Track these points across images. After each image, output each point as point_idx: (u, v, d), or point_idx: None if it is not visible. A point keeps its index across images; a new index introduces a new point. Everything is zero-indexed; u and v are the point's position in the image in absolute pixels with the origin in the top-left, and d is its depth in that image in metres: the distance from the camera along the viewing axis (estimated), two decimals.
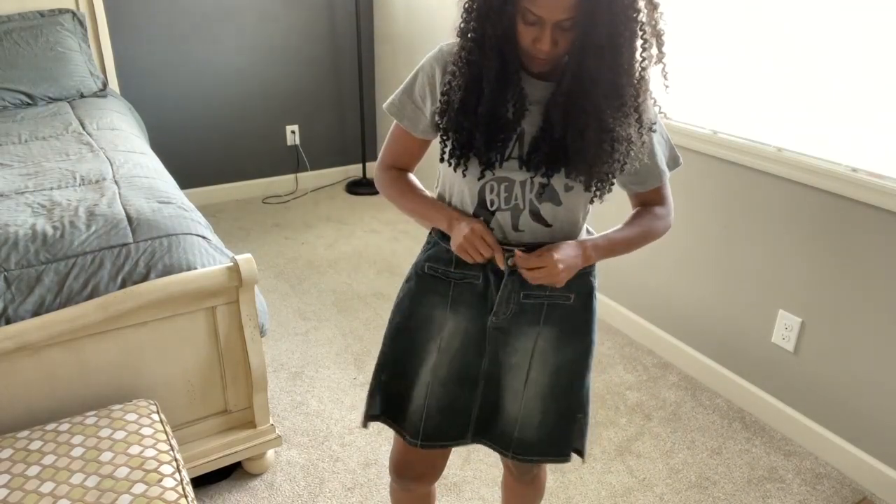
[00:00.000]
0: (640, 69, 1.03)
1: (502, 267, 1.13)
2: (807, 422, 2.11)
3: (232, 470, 1.95)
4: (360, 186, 4.12)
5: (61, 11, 3.04)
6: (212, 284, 1.67)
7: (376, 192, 4.03)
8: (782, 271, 2.10)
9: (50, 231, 1.66)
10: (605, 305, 2.77)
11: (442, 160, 1.15)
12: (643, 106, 1.07)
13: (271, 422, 1.92)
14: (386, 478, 1.95)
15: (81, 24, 3.08)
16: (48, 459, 1.31)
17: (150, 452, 1.35)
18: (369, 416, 1.30)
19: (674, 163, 1.24)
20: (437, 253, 1.23)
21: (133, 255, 1.65)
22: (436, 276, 1.24)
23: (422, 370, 1.25)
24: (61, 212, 1.76)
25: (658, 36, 1.03)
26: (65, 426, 1.41)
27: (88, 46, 3.09)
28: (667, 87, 1.08)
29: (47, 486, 1.25)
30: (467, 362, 1.23)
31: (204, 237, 1.80)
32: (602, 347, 2.61)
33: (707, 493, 1.94)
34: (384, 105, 1.23)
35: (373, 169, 2.46)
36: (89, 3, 3.17)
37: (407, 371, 1.27)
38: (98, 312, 1.54)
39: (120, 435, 1.39)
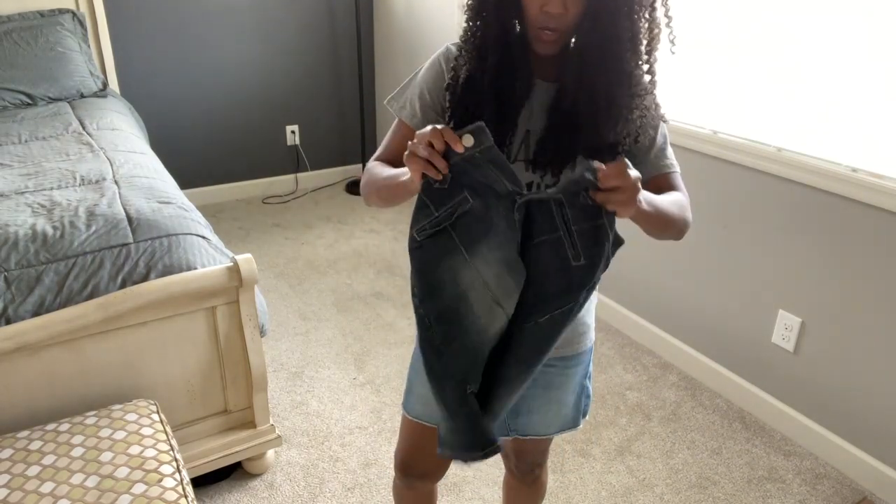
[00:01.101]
0: (646, 39, 1.02)
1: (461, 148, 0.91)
2: (807, 422, 2.11)
3: (232, 470, 1.94)
4: None
5: (61, 11, 3.05)
6: (212, 284, 1.67)
7: None
8: (782, 271, 2.10)
9: (50, 231, 1.66)
10: (606, 305, 2.77)
11: None
12: (655, 81, 1.06)
13: (271, 422, 1.92)
14: (386, 478, 1.95)
15: (81, 24, 3.08)
16: (48, 459, 1.31)
17: (150, 452, 1.35)
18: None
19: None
20: None
21: (133, 255, 1.65)
22: None
23: None
24: (61, 212, 1.76)
25: (656, 18, 1.02)
26: (65, 426, 1.41)
27: (88, 46, 3.09)
28: (673, 52, 1.05)
29: (47, 486, 1.25)
30: None
31: (204, 237, 1.80)
32: (602, 347, 2.61)
33: (707, 493, 1.94)
34: (386, 102, 1.18)
35: None
36: (89, 3, 3.17)
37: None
38: (98, 312, 1.54)
39: (120, 435, 1.39)
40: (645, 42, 1.02)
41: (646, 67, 1.04)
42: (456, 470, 1.98)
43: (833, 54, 1.87)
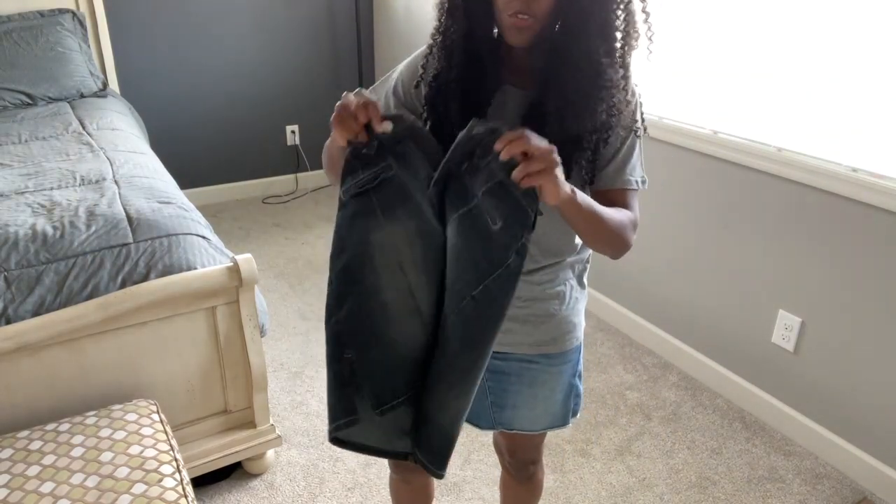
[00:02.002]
0: (621, 34, 1.00)
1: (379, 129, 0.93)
2: (807, 422, 2.11)
3: (232, 470, 1.94)
4: None
5: (61, 11, 3.05)
6: (212, 284, 1.67)
7: None
8: (782, 271, 2.10)
9: (50, 231, 1.66)
10: (605, 305, 2.77)
11: None
12: (628, 76, 1.03)
13: (271, 422, 1.92)
14: (386, 477, 1.95)
15: (81, 24, 3.09)
16: (48, 459, 1.31)
17: (150, 452, 1.35)
18: None
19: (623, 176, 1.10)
20: None
21: (133, 255, 1.65)
22: None
23: None
24: (61, 212, 1.76)
25: (633, 18, 1.00)
26: (65, 426, 1.41)
27: (88, 46, 3.09)
28: (650, 52, 1.03)
29: (47, 486, 1.25)
30: None
31: (204, 237, 1.80)
32: (602, 347, 2.61)
33: (707, 493, 1.94)
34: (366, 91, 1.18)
35: None
36: (89, 3, 3.17)
37: None
38: (98, 312, 1.54)
39: (120, 435, 1.39)
40: (619, 37, 1.00)
41: (619, 62, 1.02)
42: (455, 470, 1.98)
43: (833, 54, 1.87)
